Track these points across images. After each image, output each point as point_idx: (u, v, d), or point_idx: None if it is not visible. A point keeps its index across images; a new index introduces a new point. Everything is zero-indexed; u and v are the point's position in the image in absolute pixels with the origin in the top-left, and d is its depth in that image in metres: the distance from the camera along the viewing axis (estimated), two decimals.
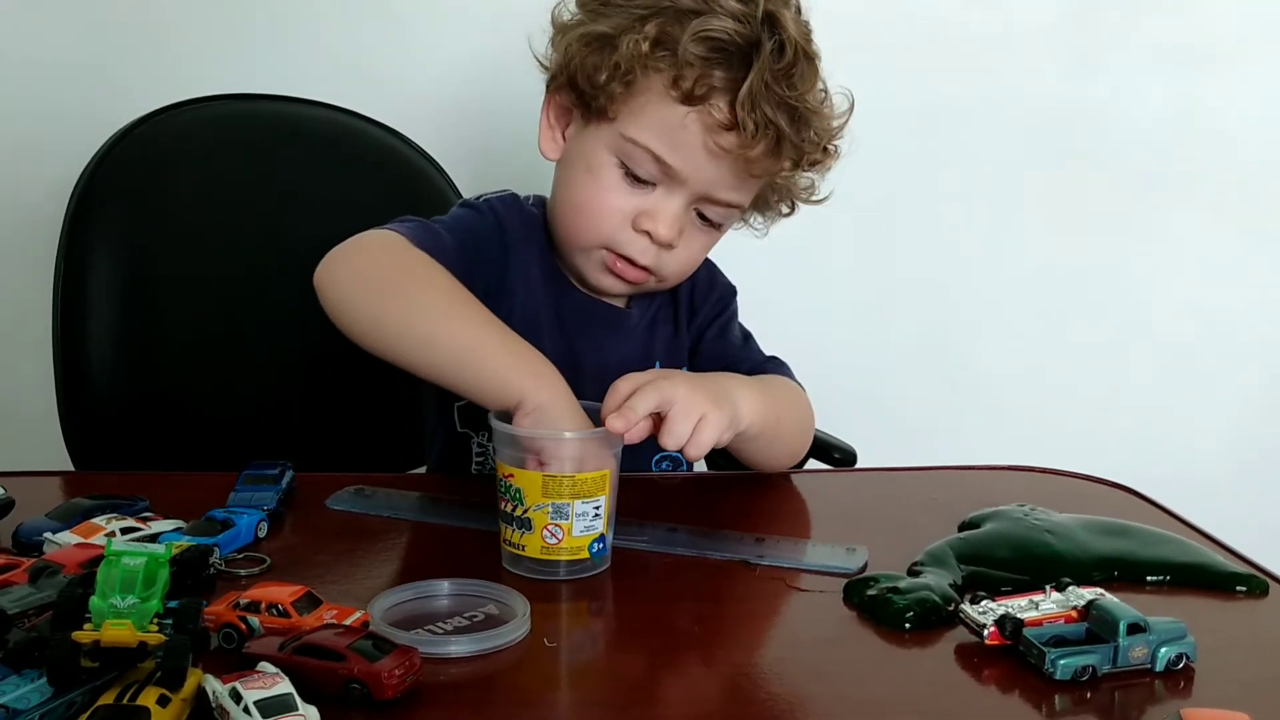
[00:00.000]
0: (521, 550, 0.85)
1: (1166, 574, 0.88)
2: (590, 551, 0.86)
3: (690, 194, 1.04)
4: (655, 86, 1.00)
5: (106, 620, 0.60)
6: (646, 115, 1.01)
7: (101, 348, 1.28)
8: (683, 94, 0.99)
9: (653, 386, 0.88)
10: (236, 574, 0.82)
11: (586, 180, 1.05)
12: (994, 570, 0.87)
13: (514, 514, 0.85)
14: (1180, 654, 0.73)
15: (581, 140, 1.07)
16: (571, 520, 0.85)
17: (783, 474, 1.11)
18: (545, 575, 0.85)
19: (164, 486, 0.98)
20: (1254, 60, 1.81)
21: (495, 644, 0.73)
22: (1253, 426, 1.92)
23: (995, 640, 0.74)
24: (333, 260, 0.99)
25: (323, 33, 1.62)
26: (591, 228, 1.06)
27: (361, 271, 0.99)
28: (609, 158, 1.04)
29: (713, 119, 0.99)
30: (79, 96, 1.56)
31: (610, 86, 1.01)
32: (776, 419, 1.03)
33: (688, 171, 1.02)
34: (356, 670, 0.65)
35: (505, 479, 0.86)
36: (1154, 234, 1.85)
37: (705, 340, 1.18)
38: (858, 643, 0.78)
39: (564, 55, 1.05)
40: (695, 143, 1.00)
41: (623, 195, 1.04)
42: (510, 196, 1.15)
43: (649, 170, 1.03)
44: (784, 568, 0.88)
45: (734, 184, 1.04)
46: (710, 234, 1.09)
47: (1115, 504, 1.06)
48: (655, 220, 1.04)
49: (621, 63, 1.00)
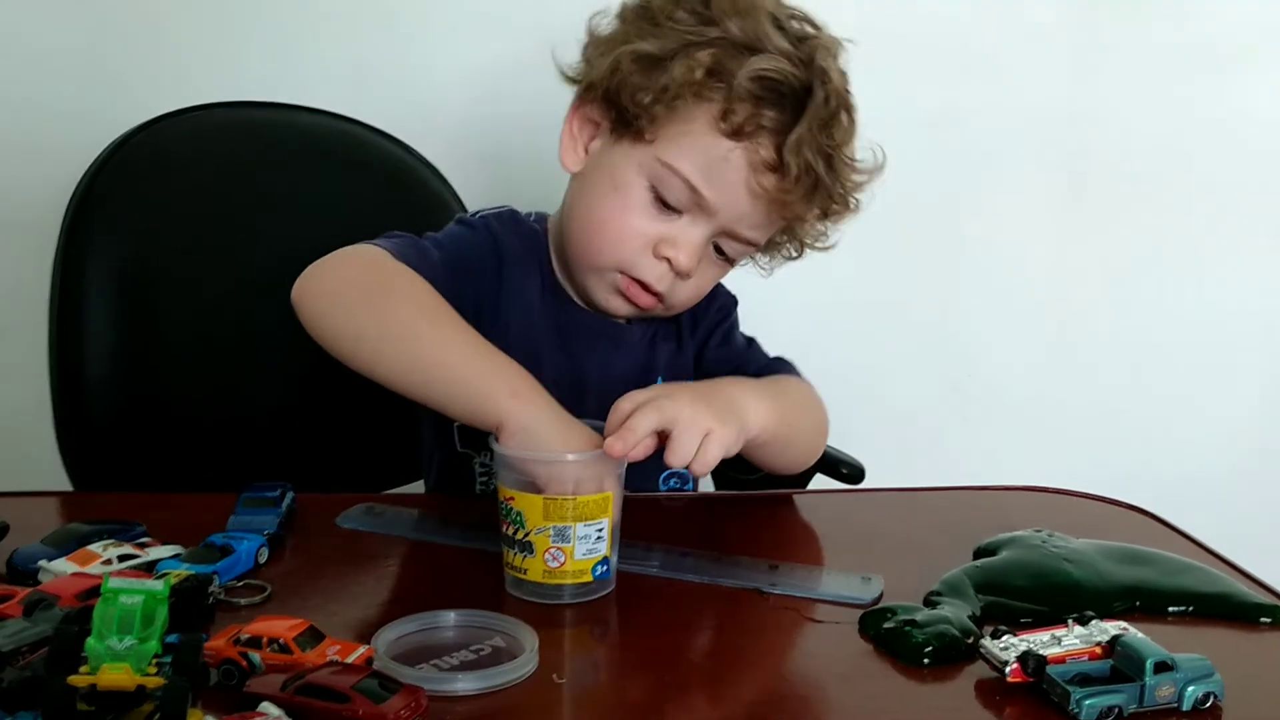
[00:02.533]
0: (524, 574, 0.84)
1: (1189, 604, 0.86)
2: (594, 574, 0.84)
3: (715, 227, 1.02)
4: (702, 116, 0.99)
5: (104, 663, 0.58)
6: (688, 143, 0.99)
7: (99, 355, 1.26)
8: (732, 128, 0.98)
9: (653, 406, 0.86)
10: (236, 603, 0.80)
11: (612, 199, 1.03)
12: (1013, 600, 0.85)
13: (516, 537, 0.83)
14: (1208, 693, 0.71)
15: (609, 156, 1.04)
16: (574, 543, 0.83)
17: (793, 495, 1.09)
18: (548, 599, 0.83)
19: (161, 508, 0.96)
20: (1256, 62, 1.79)
21: (503, 680, 0.71)
22: (1261, 431, 1.91)
23: (1017, 678, 0.72)
24: (311, 274, 0.98)
25: (323, 40, 1.60)
26: (610, 247, 1.04)
27: (339, 286, 0.97)
28: (639, 179, 1.02)
29: (758, 157, 0.98)
30: (78, 102, 1.54)
31: (654, 108, 0.99)
32: (788, 425, 1.01)
33: (720, 204, 1.00)
34: (362, 713, 0.63)
35: (506, 502, 0.84)
36: (1159, 237, 1.83)
37: (709, 348, 1.17)
38: (875, 678, 0.76)
39: (606, 69, 1.02)
40: (736, 179, 0.99)
41: (648, 219, 1.02)
42: (509, 213, 1.13)
43: (680, 198, 1.01)
44: (798, 597, 0.86)
45: (760, 223, 1.03)
46: (722, 268, 1.08)
47: (1132, 527, 1.04)
48: (677, 248, 1.02)
49: (671, 86, 0.98)
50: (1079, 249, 1.82)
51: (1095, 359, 1.85)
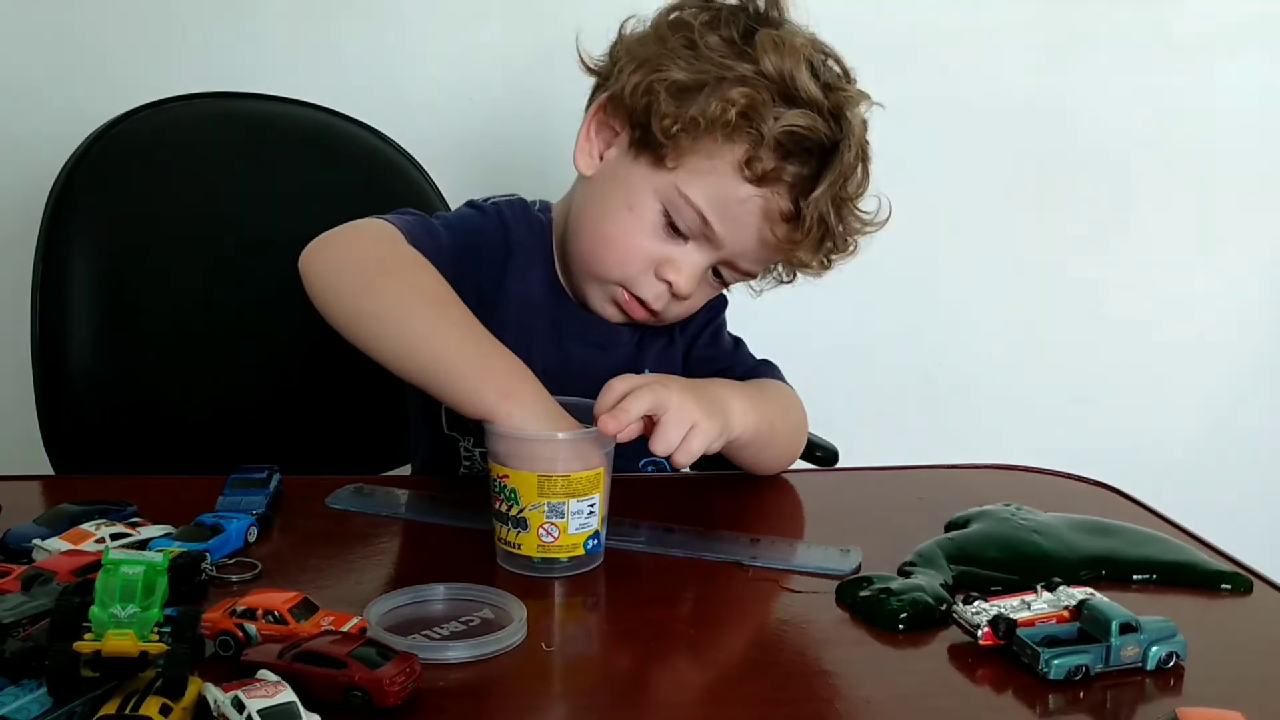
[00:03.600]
0: (518, 549, 0.86)
1: (1153, 573, 0.89)
2: (586, 548, 0.86)
3: (719, 257, 1.05)
4: (728, 155, 1.00)
5: (108, 630, 0.60)
6: (709, 179, 1.01)
7: (81, 347, 1.27)
8: (755, 175, 0.99)
9: (648, 390, 0.88)
10: (228, 579, 0.82)
11: (625, 217, 1.04)
12: (984, 570, 0.87)
13: (509, 513, 0.85)
14: (1171, 653, 0.74)
15: (626, 172, 1.05)
16: (567, 519, 0.85)
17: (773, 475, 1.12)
18: (542, 573, 0.85)
19: (148, 490, 0.97)
20: (1225, 57, 1.83)
21: (493, 649, 0.73)
22: (1223, 418, 1.96)
23: (989, 641, 0.75)
24: (319, 244, 0.98)
25: (303, 31, 1.61)
26: (615, 263, 1.05)
27: (346, 261, 0.98)
28: (654, 203, 1.03)
29: (775, 207, 1.00)
30: (59, 92, 1.55)
31: (679, 138, 0.99)
32: (769, 426, 1.03)
33: (729, 240, 1.03)
34: (358, 678, 0.65)
35: (500, 479, 0.86)
36: (1127, 230, 1.87)
37: (697, 346, 1.19)
38: (852, 644, 0.79)
39: (635, 88, 1.02)
40: (750, 222, 1.01)
41: (655, 240, 1.04)
42: (519, 201, 1.14)
43: (690, 227, 1.02)
44: (778, 569, 0.88)
45: (763, 260, 1.06)
46: (715, 289, 1.11)
47: (1098, 502, 1.07)
48: (679, 272, 1.04)
49: (701, 121, 0.98)
50: (1050, 239, 1.85)
51: (1063, 350, 1.89)
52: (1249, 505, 1.89)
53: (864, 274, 1.77)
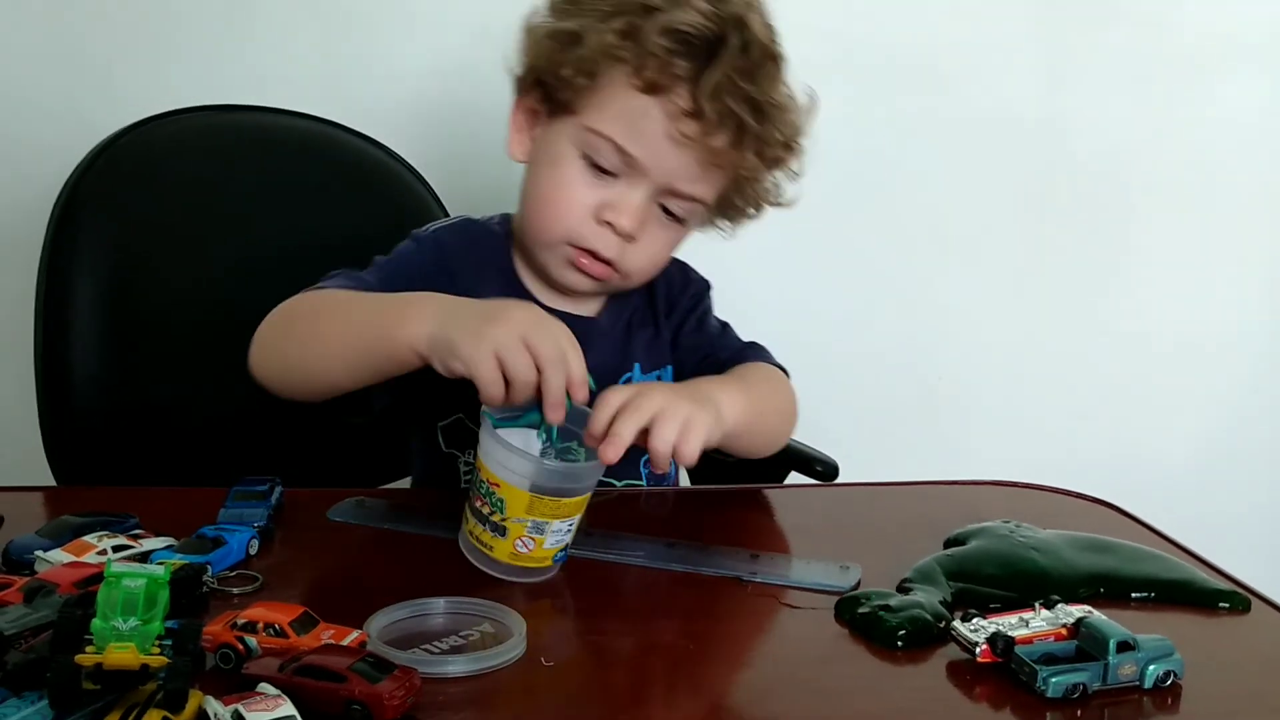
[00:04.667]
0: (489, 550, 0.86)
1: (1151, 591, 0.89)
2: (554, 560, 0.88)
3: (653, 186, 1.04)
4: (619, 78, 1.01)
5: (110, 643, 0.60)
6: (609, 106, 1.02)
7: (84, 358, 1.27)
8: (645, 83, 1.00)
9: (633, 408, 0.88)
10: (229, 592, 0.82)
11: (550, 174, 1.06)
12: (982, 587, 0.88)
13: (489, 517, 0.85)
14: (1168, 671, 0.74)
15: (546, 137, 1.08)
16: (546, 536, 0.85)
17: (771, 491, 1.12)
18: (505, 576, 0.86)
19: (150, 501, 0.97)
20: (1229, 72, 1.84)
21: (493, 663, 0.73)
22: (1223, 435, 1.96)
23: (987, 658, 0.75)
24: (254, 339, 1.02)
25: (305, 44, 1.61)
26: (555, 219, 1.06)
27: (264, 336, 1.02)
28: (572, 150, 1.05)
29: (675, 107, 1.00)
30: (63, 105, 1.55)
31: (575, 80, 1.02)
32: (759, 413, 1.04)
33: (649, 161, 1.03)
34: (358, 692, 0.65)
35: (489, 485, 0.85)
36: (1127, 245, 1.88)
37: (684, 333, 1.19)
38: (850, 660, 0.79)
39: (531, 55, 1.06)
40: (658, 131, 1.01)
41: (586, 188, 1.05)
42: (462, 222, 1.16)
43: (611, 161, 1.03)
44: (777, 585, 0.88)
45: (697, 175, 1.04)
46: (674, 229, 1.09)
47: (1096, 519, 1.07)
48: (618, 212, 1.04)
49: (586, 56, 1.01)
50: (1049, 254, 1.86)
51: (1062, 364, 1.89)
52: (1249, 522, 1.90)
53: (866, 286, 1.82)
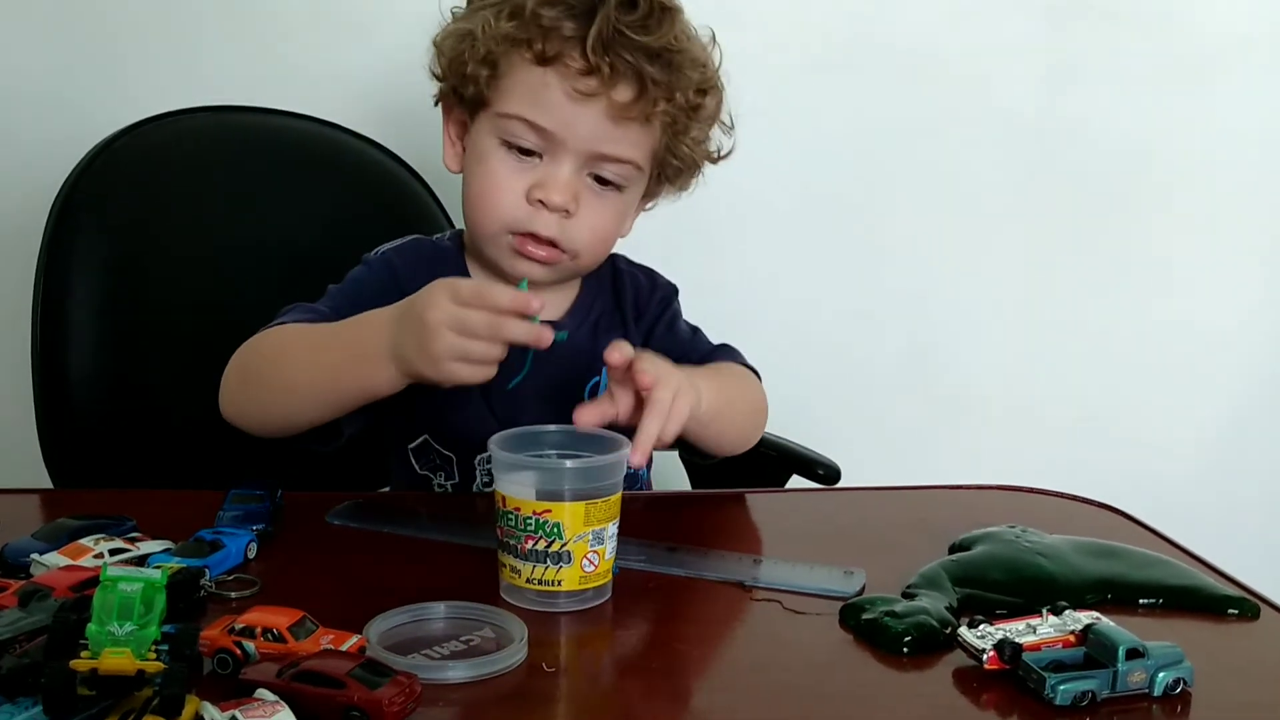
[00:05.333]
0: (558, 586, 0.83)
1: (1159, 597, 0.88)
2: (614, 571, 0.86)
3: (575, 155, 1.05)
4: (516, 60, 1.04)
5: (105, 648, 0.59)
6: (514, 88, 1.04)
7: (82, 359, 1.26)
8: (538, 55, 1.02)
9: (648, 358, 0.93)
10: (227, 596, 0.81)
11: (479, 170, 1.07)
12: (988, 593, 0.87)
13: (549, 550, 0.82)
14: (1178, 679, 0.74)
15: (469, 140, 1.10)
16: (606, 544, 0.84)
17: (774, 494, 1.11)
18: (574, 609, 0.83)
19: (148, 504, 0.97)
20: (1233, 75, 1.83)
21: (493, 669, 0.73)
22: (1230, 436, 1.95)
23: (994, 665, 0.74)
24: (222, 383, 1.04)
25: (298, 45, 1.60)
26: (490, 210, 1.07)
27: (228, 386, 1.03)
28: (492, 141, 1.06)
29: (570, 69, 1.02)
30: (58, 109, 1.54)
31: (479, 73, 1.05)
32: (729, 403, 1.06)
33: (561, 130, 1.03)
34: (357, 698, 0.64)
35: (540, 516, 0.82)
36: (1131, 248, 1.87)
37: (654, 337, 1.19)
38: (855, 667, 0.78)
39: (442, 64, 1.09)
40: (560, 97, 1.02)
41: (513, 175, 1.06)
42: (411, 243, 1.17)
43: (529, 140, 1.04)
44: (780, 590, 0.87)
45: (615, 135, 1.04)
46: (611, 199, 1.09)
47: (1103, 524, 1.06)
48: (546, 189, 1.04)
49: (481, 46, 1.04)
50: (1054, 257, 1.85)
51: (1068, 365, 1.88)
52: (1258, 527, 1.89)
53: (869, 288, 1.81)
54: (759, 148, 1.70)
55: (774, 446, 1.29)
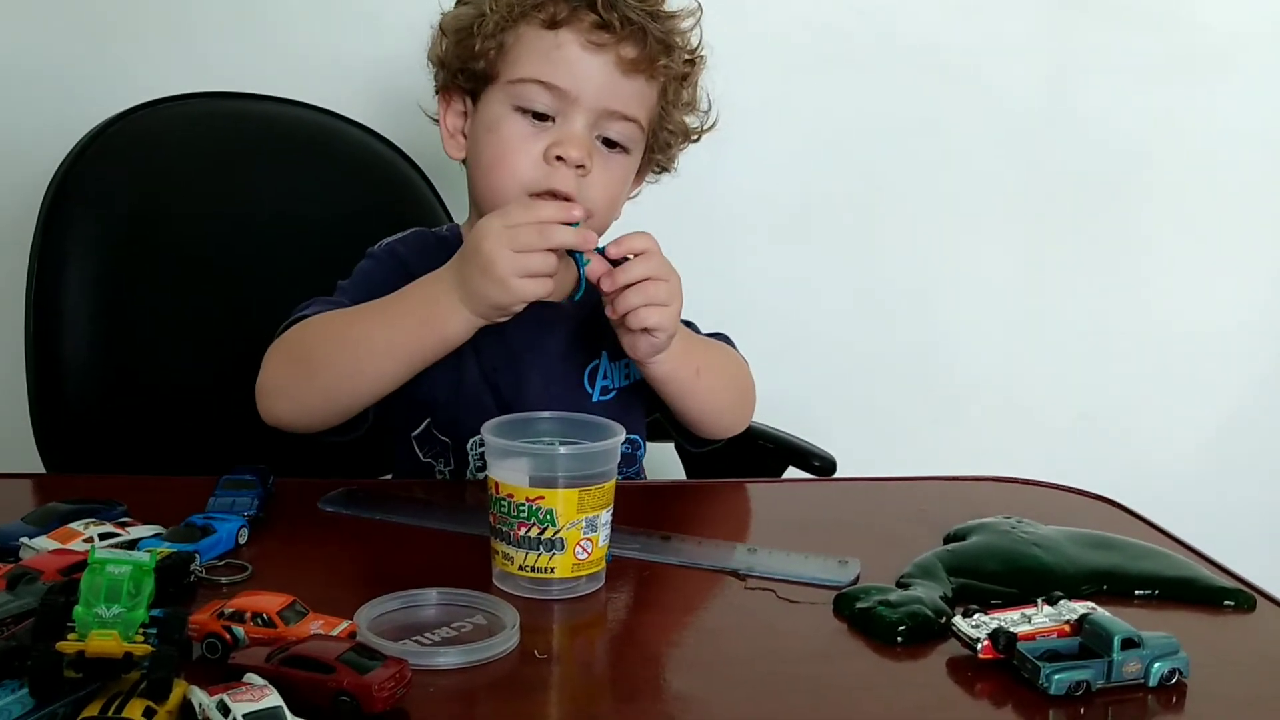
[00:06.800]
0: (550, 573, 0.82)
1: (1155, 588, 0.88)
2: (607, 559, 0.85)
3: (588, 113, 1.06)
4: (526, 31, 1.06)
5: (92, 630, 0.59)
6: (526, 55, 1.06)
7: (76, 344, 1.25)
8: (551, 20, 1.05)
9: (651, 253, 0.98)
10: (217, 581, 0.81)
11: (492, 139, 1.08)
12: (983, 583, 0.86)
13: (541, 537, 0.82)
14: (1173, 669, 0.73)
15: (477, 118, 1.10)
16: (599, 531, 0.83)
17: (770, 484, 1.11)
18: (566, 596, 0.83)
19: (139, 490, 0.96)
20: (1230, 74, 1.83)
21: (484, 655, 0.72)
22: (1227, 429, 1.94)
23: (989, 654, 0.74)
24: (264, 384, 1.04)
25: (297, 32, 1.60)
26: (509, 175, 1.07)
27: (284, 373, 1.03)
28: (505, 109, 1.07)
29: (583, 23, 1.04)
30: (52, 95, 1.53)
31: (489, 51, 1.07)
32: (711, 364, 1.09)
33: (576, 86, 1.05)
34: (346, 683, 0.64)
35: (533, 503, 0.82)
36: (1134, 244, 1.86)
37: None
38: (849, 656, 0.77)
39: (446, 52, 1.11)
40: (575, 52, 1.05)
41: (529, 139, 1.06)
42: (414, 234, 1.17)
43: (544, 101, 1.05)
44: (775, 579, 0.87)
45: (624, 91, 1.07)
46: (619, 160, 1.10)
47: (1099, 516, 1.06)
48: (565, 145, 1.05)
49: (491, 24, 1.06)
50: (1053, 252, 1.85)
51: (1067, 362, 1.88)
52: (1255, 520, 1.88)
53: (869, 284, 1.81)
54: (760, 144, 1.71)
55: (770, 438, 1.29)
